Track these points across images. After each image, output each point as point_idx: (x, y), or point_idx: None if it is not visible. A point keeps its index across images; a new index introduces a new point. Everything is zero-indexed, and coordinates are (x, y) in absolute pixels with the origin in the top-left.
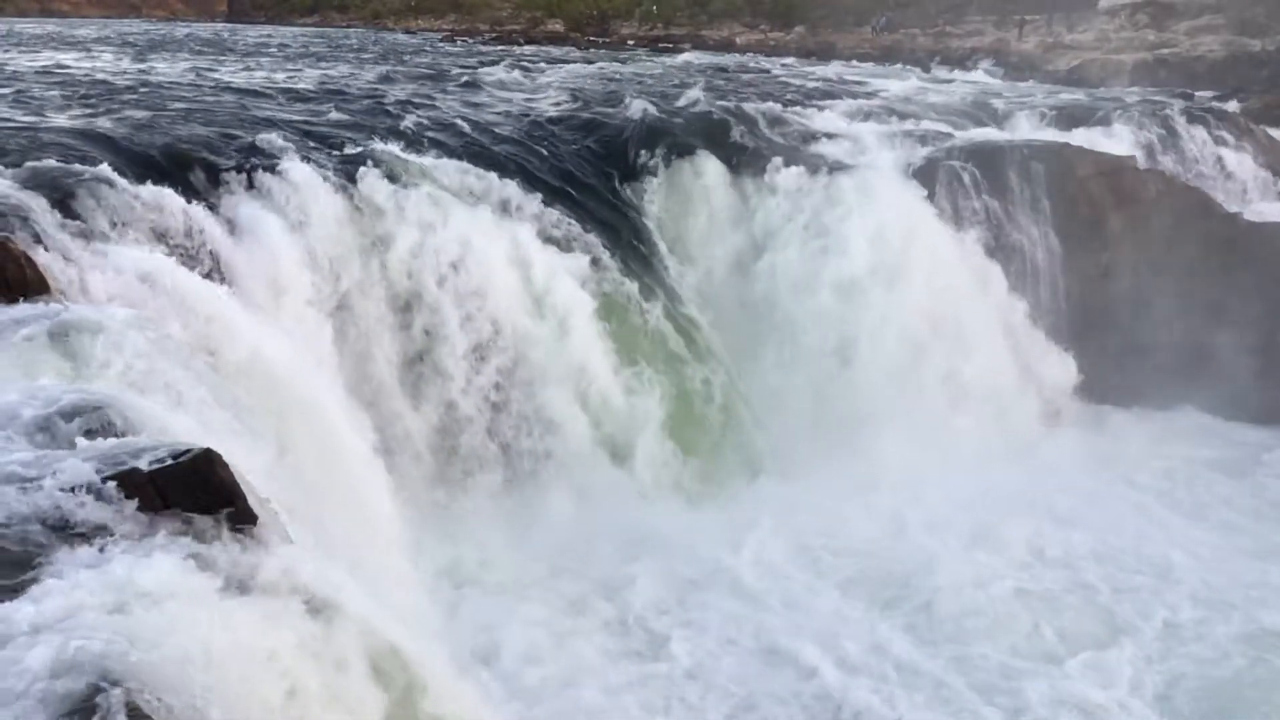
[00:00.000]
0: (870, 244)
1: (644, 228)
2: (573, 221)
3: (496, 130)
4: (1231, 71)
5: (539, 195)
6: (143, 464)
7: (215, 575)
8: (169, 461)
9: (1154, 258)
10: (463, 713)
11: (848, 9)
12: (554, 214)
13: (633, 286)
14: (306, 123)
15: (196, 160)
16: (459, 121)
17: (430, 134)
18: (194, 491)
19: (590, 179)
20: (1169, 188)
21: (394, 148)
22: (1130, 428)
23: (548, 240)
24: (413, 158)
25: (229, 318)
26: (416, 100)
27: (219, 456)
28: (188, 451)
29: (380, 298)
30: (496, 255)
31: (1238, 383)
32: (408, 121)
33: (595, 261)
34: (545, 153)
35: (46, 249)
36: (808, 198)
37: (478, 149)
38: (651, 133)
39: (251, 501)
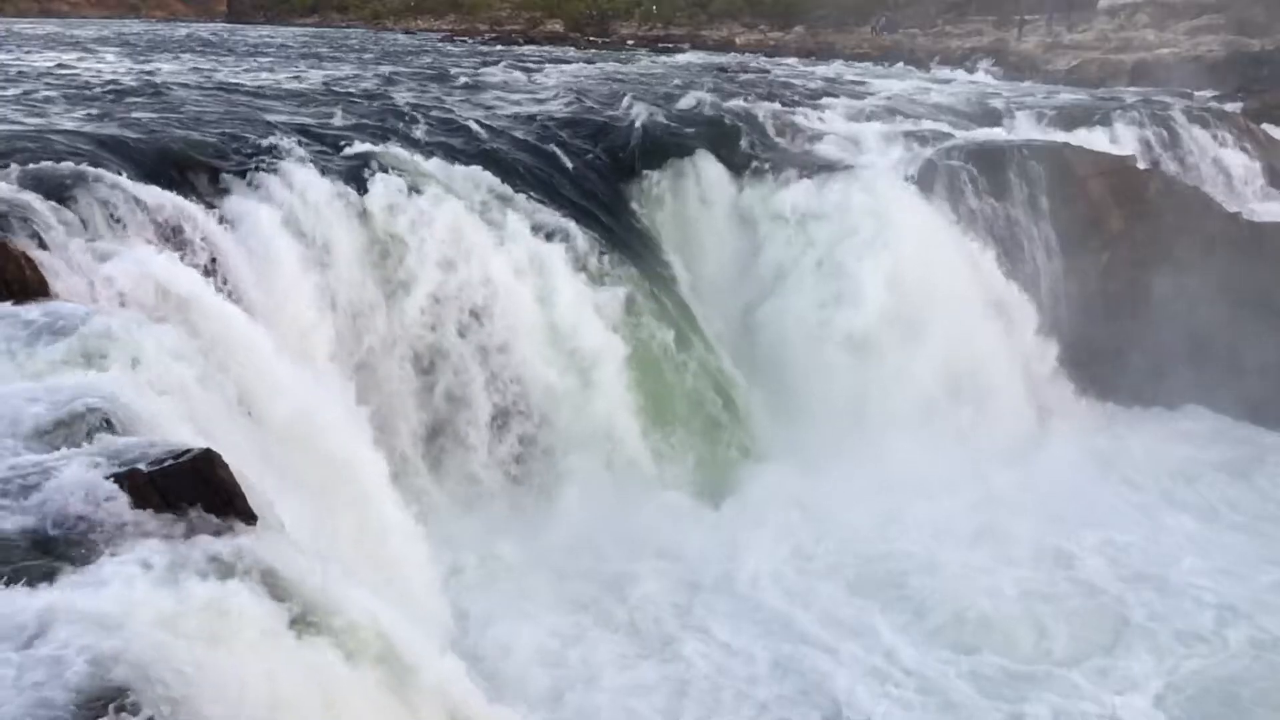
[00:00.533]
0: (888, 287)
1: (668, 260)
2: (606, 249)
3: (513, 134)
4: (1231, 71)
5: (570, 218)
6: (143, 464)
7: (290, 604)
8: (169, 461)
9: (1154, 257)
10: None
11: (848, 9)
12: (583, 242)
13: (668, 335)
14: (313, 126)
15: (203, 166)
16: (472, 125)
17: (444, 140)
18: (194, 491)
19: (611, 198)
20: (1169, 187)
21: (415, 159)
22: (1133, 428)
23: (580, 269)
24: (434, 170)
25: (266, 363)
26: (425, 103)
27: (218, 456)
28: (188, 451)
29: (404, 355)
30: (524, 296)
31: (1239, 383)
32: (420, 131)
33: (630, 302)
34: (569, 165)
35: (53, 253)
36: (820, 225)
37: (495, 159)
38: (656, 145)
39: (251, 501)
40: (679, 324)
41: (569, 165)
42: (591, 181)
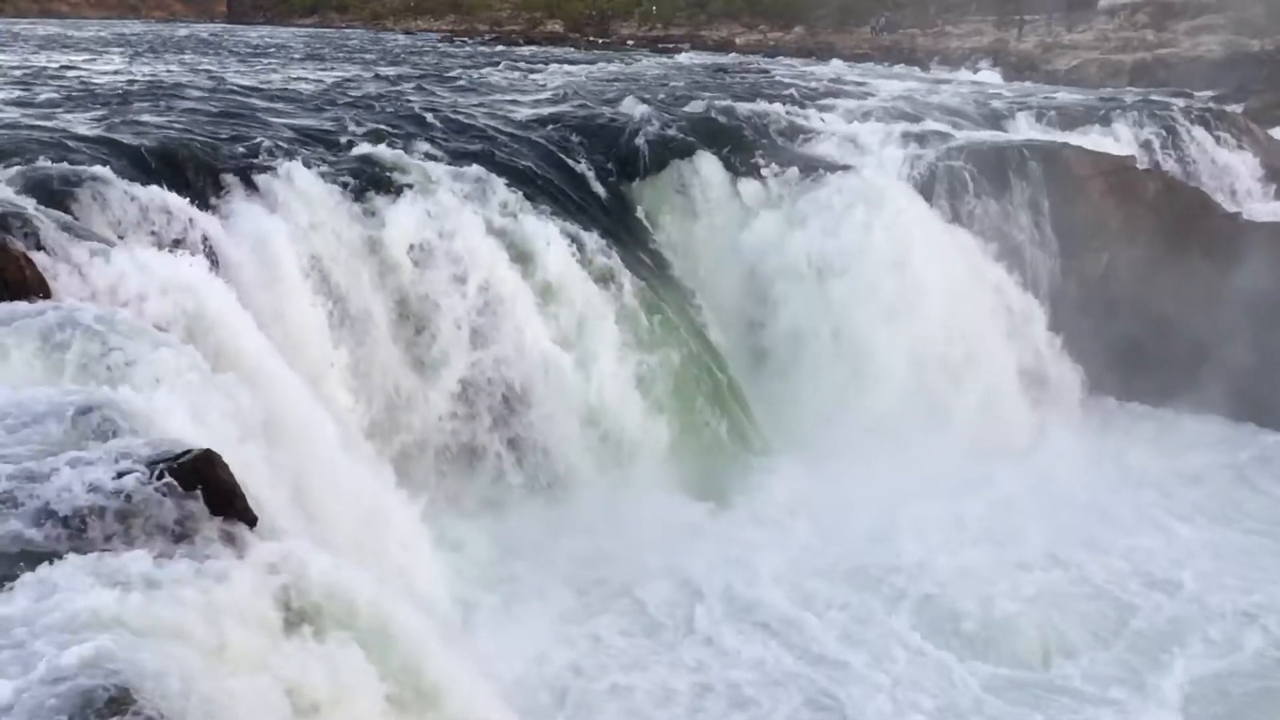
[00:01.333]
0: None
1: (703, 320)
2: (653, 304)
3: (532, 139)
4: (1231, 71)
5: (615, 256)
6: (143, 464)
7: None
8: (167, 462)
9: (1154, 258)
10: None
11: (848, 9)
12: (631, 297)
13: (720, 426)
14: (325, 134)
15: (210, 170)
16: (491, 133)
17: (463, 146)
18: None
19: (639, 230)
20: (1169, 188)
21: (440, 177)
22: (1137, 430)
23: (629, 328)
24: (464, 198)
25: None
26: (437, 107)
27: (218, 456)
28: (188, 452)
29: (440, 445)
30: (565, 366)
31: (1243, 384)
32: (438, 145)
33: (681, 380)
34: (603, 193)
35: (50, 254)
36: (838, 284)
37: (522, 177)
38: (660, 159)
39: (250, 503)
40: (731, 411)
41: (602, 193)
42: (618, 211)
